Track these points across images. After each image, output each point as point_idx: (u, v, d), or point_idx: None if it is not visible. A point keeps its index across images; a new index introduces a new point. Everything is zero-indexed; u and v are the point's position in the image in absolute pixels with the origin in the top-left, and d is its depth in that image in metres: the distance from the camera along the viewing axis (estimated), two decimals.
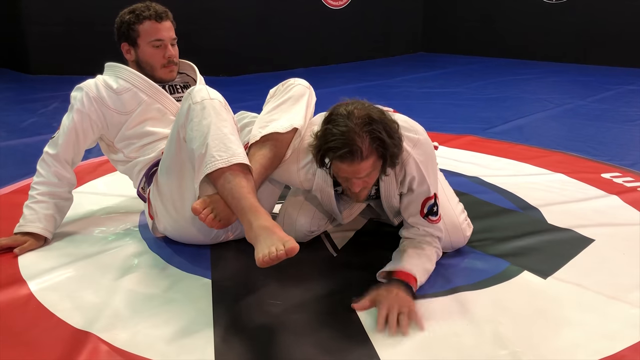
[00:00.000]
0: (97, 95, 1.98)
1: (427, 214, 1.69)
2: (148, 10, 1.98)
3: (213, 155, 1.61)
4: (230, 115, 1.76)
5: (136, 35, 1.99)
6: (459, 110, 4.20)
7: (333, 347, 1.41)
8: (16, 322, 1.52)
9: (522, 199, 2.35)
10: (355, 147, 1.48)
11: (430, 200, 1.68)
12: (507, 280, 1.70)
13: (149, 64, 2.02)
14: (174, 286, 1.70)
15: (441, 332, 1.46)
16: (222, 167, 1.60)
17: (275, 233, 1.51)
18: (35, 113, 4.13)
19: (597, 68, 6.15)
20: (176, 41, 2.05)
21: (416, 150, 1.64)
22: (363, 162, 1.51)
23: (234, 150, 1.63)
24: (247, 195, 1.59)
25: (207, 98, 1.70)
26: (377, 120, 1.50)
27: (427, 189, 1.67)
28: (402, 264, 1.63)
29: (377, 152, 1.52)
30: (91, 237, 2.04)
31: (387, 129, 1.52)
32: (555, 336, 1.44)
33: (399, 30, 7.61)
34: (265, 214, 1.57)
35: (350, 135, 1.48)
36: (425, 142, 1.68)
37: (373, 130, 1.49)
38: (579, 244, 1.93)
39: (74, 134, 1.99)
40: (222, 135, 1.65)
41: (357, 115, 1.50)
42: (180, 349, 1.40)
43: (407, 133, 1.63)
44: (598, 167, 2.76)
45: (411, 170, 1.64)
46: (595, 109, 4.21)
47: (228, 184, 1.60)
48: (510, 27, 7.04)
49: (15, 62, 6.13)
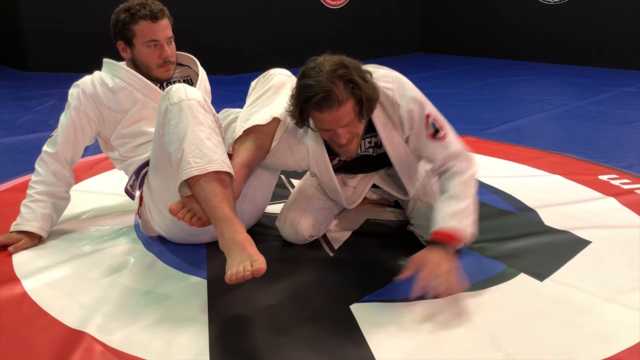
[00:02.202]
0: (94, 92, 1.97)
1: (434, 133, 1.71)
2: (143, 9, 1.93)
3: (189, 161, 1.59)
4: (210, 115, 1.70)
5: (131, 35, 1.96)
6: (457, 111, 4.20)
7: (328, 347, 1.40)
8: (10, 321, 1.51)
9: (519, 200, 2.35)
10: (330, 93, 1.53)
11: (429, 118, 1.71)
12: (503, 282, 1.70)
13: (145, 63, 1.99)
14: (170, 285, 1.70)
15: (437, 333, 1.46)
16: (197, 174, 1.58)
17: (245, 249, 1.50)
18: (31, 110, 4.11)
19: (594, 70, 6.15)
20: (173, 39, 2.02)
21: (396, 85, 1.70)
22: (341, 107, 1.55)
23: (209, 157, 1.60)
24: (221, 204, 1.57)
25: (185, 99, 1.66)
26: (348, 66, 1.55)
27: (422, 109, 1.71)
28: (434, 225, 1.62)
29: (353, 95, 1.56)
30: (86, 236, 2.03)
31: (359, 73, 1.57)
32: (552, 338, 1.44)
33: (397, 30, 7.60)
34: (238, 225, 1.56)
35: (323, 83, 1.52)
36: (401, 77, 1.73)
37: (345, 74, 1.53)
38: (576, 246, 1.93)
39: (72, 132, 1.98)
40: (198, 140, 1.61)
41: (327, 64, 1.54)
42: (175, 349, 1.39)
43: (382, 76, 1.69)
44: (595, 169, 2.76)
45: (403, 104, 1.69)
46: (592, 110, 4.21)
47: (202, 191, 1.59)
48: (509, 28, 7.04)
49: (12, 59, 6.11)
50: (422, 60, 7.23)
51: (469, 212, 1.63)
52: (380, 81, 1.66)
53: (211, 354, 1.37)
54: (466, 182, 1.67)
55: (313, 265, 1.84)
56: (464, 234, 1.59)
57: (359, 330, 1.46)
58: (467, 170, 1.69)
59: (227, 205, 1.58)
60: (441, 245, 1.56)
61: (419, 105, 1.70)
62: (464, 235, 1.59)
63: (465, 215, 1.61)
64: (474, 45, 7.35)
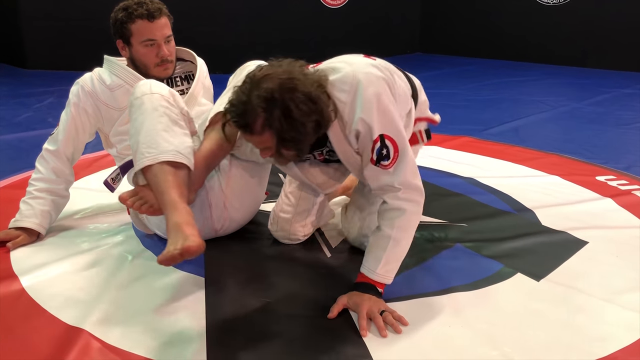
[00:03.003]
0: (92, 89, 1.98)
1: (377, 160, 1.54)
2: (141, 7, 1.92)
3: (142, 152, 1.61)
4: (174, 108, 1.70)
5: (129, 34, 1.95)
6: (455, 111, 4.20)
7: (326, 347, 1.40)
8: (7, 317, 1.51)
9: (517, 200, 2.35)
10: (248, 122, 1.45)
11: (376, 143, 1.53)
12: (500, 282, 1.70)
13: (143, 62, 1.99)
14: (167, 284, 1.70)
15: (434, 331, 1.46)
16: (150, 164, 1.59)
17: (181, 230, 1.45)
18: (30, 108, 4.11)
19: (593, 71, 6.16)
20: (172, 37, 2.01)
21: (351, 98, 1.51)
22: (254, 136, 1.49)
23: (163, 147, 1.60)
24: (169, 190, 1.56)
25: (147, 93, 1.67)
26: (280, 100, 1.41)
27: (369, 133, 1.52)
28: (362, 266, 1.58)
29: (270, 131, 1.45)
30: (84, 233, 2.03)
31: (289, 109, 1.42)
32: (548, 338, 1.44)
33: (396, 30, 7.60)
34: (183, 209, 1.52)
35: (246, 108, 1.44)
36: (368, 83, 1.52)
37: (270, 109, 1.42)
38: (573, 246, 1.93)
39: (73, 128, 1.99)
40: (154, 131, 1.62)
41: (263, 86, 1.42)
42: (172, 347, 1.40)
43: (341, 82, 1.52)
44: (593, 169, 2.76)
45: (352, 123, 1.52)
46: (591, 112, 4.22)
47: (154, 178, 1.59)
48: (508, 29, 7.05)
49: (11, 57, 6.11)
50: (421, 61, 7.24)
51: (398, 257, 1.57)
52: (336, 89, 1.52)
53: (208, 351, 1.37)
54: (403, 227, 1.55)
55: (311, 265, 1.84)
56: (387, 281, 1.56)
57: (356, 331, 1.46)
58: (405, 213, 1.55)
59: (176, 191, 1.56)
60: (368, 288, 1.54)
61: (367, 129, 1.52)
62: (387, 282, 1.56)
63: (393, 261, 1.56)
64: (473, 45, 7.36)
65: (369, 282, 1.55)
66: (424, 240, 1.97)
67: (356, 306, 1.51)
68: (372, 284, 1.55)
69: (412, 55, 7.72)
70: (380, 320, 1.46)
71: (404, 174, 1.54)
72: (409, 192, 1.55)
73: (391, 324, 1.46)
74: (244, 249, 1.95)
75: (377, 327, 1.45)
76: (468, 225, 2.11)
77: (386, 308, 1.51)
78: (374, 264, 1.55)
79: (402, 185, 1.54)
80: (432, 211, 2.21)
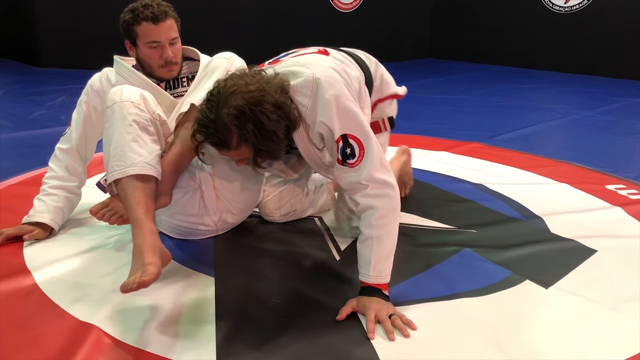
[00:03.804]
0: (100, 88, 2.02)
1: (343, 159, 1.57)
2: (147, 10, 1.94)
3: (112, 165, 1.66)
4: (145, 114, 1.73)
5: (135, 35, 1.98)
6: (465, 117, 4.21)
7: (333, 346, 1.41)
8: (20, 312, 1.53)
9: (526, 207, 2.35)
10: (223, 140, 1.50)
11: (339, 143, 1.57)
12: (508, 288, 1.71)
13: (147, 63, 2.01)
14: (177, 281, 1.71)
15: (441, 336, 1.47)
16: (119, 177, 1.64)
17: (142, 257, 1.48)
18: (42, 106, 4.15)
19: (604, 80, 6.14)
20: (178, 39, 2.02)
21: (312, 102, 1.56)
22: (232, 152, 1.55)
23: (132, 160, 1.64)
24: (136, 207, 1.60)
25: (118, 101, 1.71)
26: (250, 114, 1.46)
27: (330, 134, 1.57)
28: (359, 272, 1.59)
29: (246, 145, 1.52)
30: (96, 230, 2.05)
31: (260, 122, 1.47)
32: (555, 345, 1.44)
33: (406, 35, 7.62)
34: (147, 230, 1.54)
35: (217, 127, 1.49)
36: (328, 86, 1.56)
37: (243, 125, 1.47)
38: (581, 255, 1.93)
39: (84, 125, 2.03)
40: (123, 143, 1.67)
41: (232, 104, 1.47)
42: (182, 344, 1.41)
43: (302, 87, 1.57)
44: (603, 178, 2.76)
45: (314, 125, 1.57)
46: (601, 120, 4.21)
47: (123, 192, 1.64)
48: (518, 36, 7.04)
49: (25, 55, 6.16)
50: (430, 66, 7.24)
51: (386, 254, 1.57)
52: (298, 94, 1.57)
53: (218, 351, 1.38)
54: (380, 224, 1.56)
55: (319, 267, 1.85)
56: (383, 280, 1.57)
57: (364, 333, 1.47)
58: (378, 209, 1.55)
59: (142, 207, 1.60)
60: (373, 291, 1.56)
61: (328, 130, 1.57)
62: (384, 281, 1.57)
63: (382, 259, 1.56)
64: (483, 51, 7.36)
65: (369, 286, 1.57)
66: (432, 245, 1.98)
67: (365, 309, 1.52)
68: (374, 287, 1.56)
69: (422, 60, 7.73)
70: (389, 323, 1.47)
71: (369, 169, 1.56)
72: (377, 187, 1.56)
73: (400, 328, 1.47)
74: (254, 250, 1.97)
75: (385, 331, 1.46)
76: (477, 231, 2.11)
77: (395, 312, 1.52)
78: (365, 268, 1.57)
79: (369, 181, 1.56)
80: (441, 217, 2.21)
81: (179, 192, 1.86)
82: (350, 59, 1.88)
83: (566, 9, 6.62)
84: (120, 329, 1.46)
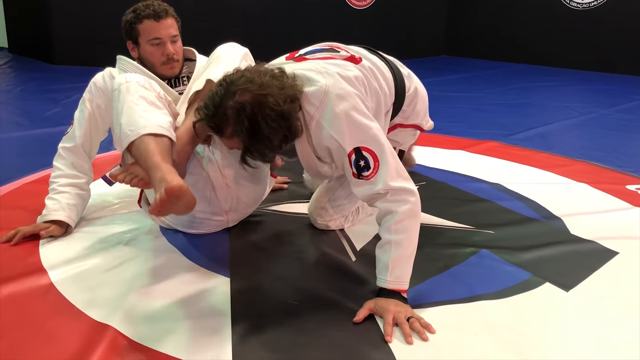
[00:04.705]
0: (104, 85, 2.04)
1: (358, 173, 1.57)
2: (148, 8, 2.02)
3: (125, 132, 1.67)
4: (152, 92, 1.76)
5: (137, 34, 2.03)
6: (481, 115, 4.16)
7: (351, 351, 1.40)
8: (36, 311, 1.53)
9: (544, 207, 2.32)
10: (218, 126, 1.52)
11: (351, 156, 1.56)
12: (528, 291, 1.68)
13: (150, 61, 2.05)
14: (193, 282, 1.70)
15: (459, 339, 1.45)
16: (133, 139, 1.65)
17: (163, 180, 1.51)
18: (58, 103, 4.17)
19: (622, 77, 6.05)
20: (179, 38, 2.08)
21: (320, 112, 1.56)
22: (223, 139, 1.57)
23: (143, 123, 1.66)
24: (152, 156, 1.61)
25: (124, 82, 1.75)
26: (250, 114, 1.47)
27: (340, 149, 1.57)
28: (378, 277, 1.57)
29: (239, 138, 1.52)
30: (112, 229, 2.05)
31: (257, 124, 1.48)
32: (575, 350, 1.41)
33: (421, 32, 7.56)
34: (165, 167, 1.57)
35: (217, 112, 1.50)
36: (338, 100, 1.57)
37: (240, 121, 1.48)
38: (602, 257, 1.90)
39: (88, 122, 2.05)
40: (133, 112, 1.69)
41: (237, 99, 1.48)
42: (198, 345, 1.40)
43: (313, 96, 1.56)
44: (623, 178, 2.71)
45: (321, 138, 1.58)
46: (619, 118, 4.14)
47: (138, 151, 1.65)
48: (534, 33, 6.96)
49: (40, 53, 6.20)
50: (445, 63, 7.19)
51: (404, 259, 1.55)
52: (307, 102, 1.57)
53: (234, 352, 1.37)
54: (400, 228, 1.54)
55: (336, 268, 1.83)
56: (400, 287, 1.54)
57: (382, 335, 1.45)
58: (398, 214, 1.54)
59: (158, 155, 1.61)
60: (391, 293, 1.54)
61: (337, 144, 1.57)
62: (401, 287, 1.54)
63: (400, 264, 1.54)
64: (499, 49, 7.28)
65: (387, 289, 1.55)
66: (450, 246, 1.95)
67: (383, 311, 1.50)
68: (392, 290, 1.54)
69: (437, 57, 7.68)
70: (407, 326, 1.45)
71: (386, 179, 1.55)
72: (396, 194, 1.56)
73: (418, 331, 1.45)
74: (269, 250, 1.95)
75: (403, 334, 1.44)
76: (495, 232, 2.08)
77: (413, 314, 1.50)
78: (383, 273, 1.56)
79: (387, 189, 1.55)
80: (458, 216, 2.19)
81: (190, 179, 1.84)
82: (382, 67, 1.85)
83: (584, 5, 6.54)
84: (135, 329, 1.45)
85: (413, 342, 1.42)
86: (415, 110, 2.01)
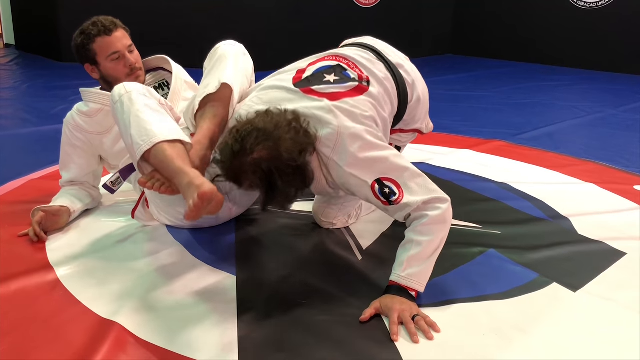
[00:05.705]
0: (75, 124, 2.08)
1: (388, 200, 1.58)
2: (96, 27, 2.02)
3: (138, 142, 1.67)
4: (153, 99, 1.77)
5: (93, 54, 2.04)
6: (488, 115, 4.15)
7: (357, 350, 1.39)
8: (43, 307, 1.54)
9: (551, 207, 2.30)
10: (236, 179, 1.53)
11: (374, 187, 1.59)
12: (535, 291, 1.67)
13: (114, 77, 2.06)
14: (199, 280, 1.71)
15: (467, 339, 1.44)
16: (148, 149, 1.65)
17: (192, 184, 1.54)
18: (65, 100, 4.17)
19: (630, 77, 6.01)
20: (133, 47, 2.08)
21: (336, 154, 1.59)
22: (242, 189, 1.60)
23: (154, 132, 1.67)
24: (173, 162, 1.63)
25: (124, 93, 1.74)
26: (267, 171, 1.48)
27: (361, 183, 1.59)
28: (392, 273, 1.57)
29: (262, 188, 1.53)
30: (118, 226, 2.05)
31: (274, 180, 1.49)
32: (583, 351, 1.41)
33: (428, 30, 7.54)
34: (190, 171, 1.60)
35: (233, 166, 1.50)
36: (352, 139, 1.58)
37: (258, 177, 1.49)
38: (610, 257, 1.89)
39: (76, 161, 2.11)
40: (141, 121, 1.69)
41: (254, 157, 1.47)
42: (204, 343, 1.40)
43: (326, 139, 1.58)
44: (630, 178, 2.70)
45: (338, 176, 1.61)
46: (627, 118, 4.12)
47: (156, 159, 1.66)
48: (541, 32, 6.92)
49: (47, 50, 6.22)
50: (452, 62, 7.16)
51: (421, 259, 1.55)
52: (322, 145, 1.59)
53: (240, 351, 1.37)
54: (425, 230, 1.56)
55: (342, 267, 1.83)
56: (412, 285, 1.54)
57: (387, 333, 1.45)
58: (428, 217, 1.56)
59: (179, 160, 1.63)
60: (399, 290, 1.53)
61: (358, 181, 1.59)
62: (412, 285, 1.54)
63: (416, 263, 1.54)
64: (505, 48, 7.25)
65: (397, 285, 1.54)
66: (457, 245, 1.95)
67: (388, 310, 1.50)
68: (401, 286, 1.54)
69: (443, 56, 7.65)
70: (412, 325, 1.45)
71: (414, 198, 1.57)
72: (429, 202, 1.58)
73: (423, 330, 1.44)
74: (275, 248, 1.95)
75: (408, 333, 1.44)
76: (502, 231, 2.07)
77: (419, 313, 1.49)
78: (397, 269, 1.56)
79: (418, 203, 1.57)
80: (465, 216, 2.18)
81: None
82: (388, 84, 1.82)
83: (591, 4, 6.50)
84: (141, 327, 1.45)
85: (419, 340, 1.42)
86: (416, 117, 2.01)
